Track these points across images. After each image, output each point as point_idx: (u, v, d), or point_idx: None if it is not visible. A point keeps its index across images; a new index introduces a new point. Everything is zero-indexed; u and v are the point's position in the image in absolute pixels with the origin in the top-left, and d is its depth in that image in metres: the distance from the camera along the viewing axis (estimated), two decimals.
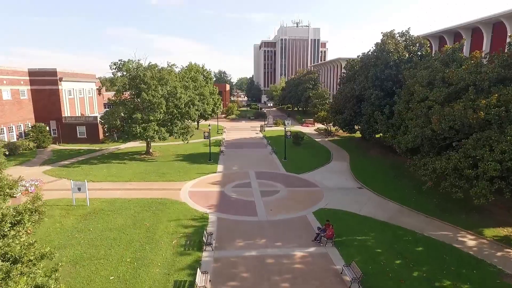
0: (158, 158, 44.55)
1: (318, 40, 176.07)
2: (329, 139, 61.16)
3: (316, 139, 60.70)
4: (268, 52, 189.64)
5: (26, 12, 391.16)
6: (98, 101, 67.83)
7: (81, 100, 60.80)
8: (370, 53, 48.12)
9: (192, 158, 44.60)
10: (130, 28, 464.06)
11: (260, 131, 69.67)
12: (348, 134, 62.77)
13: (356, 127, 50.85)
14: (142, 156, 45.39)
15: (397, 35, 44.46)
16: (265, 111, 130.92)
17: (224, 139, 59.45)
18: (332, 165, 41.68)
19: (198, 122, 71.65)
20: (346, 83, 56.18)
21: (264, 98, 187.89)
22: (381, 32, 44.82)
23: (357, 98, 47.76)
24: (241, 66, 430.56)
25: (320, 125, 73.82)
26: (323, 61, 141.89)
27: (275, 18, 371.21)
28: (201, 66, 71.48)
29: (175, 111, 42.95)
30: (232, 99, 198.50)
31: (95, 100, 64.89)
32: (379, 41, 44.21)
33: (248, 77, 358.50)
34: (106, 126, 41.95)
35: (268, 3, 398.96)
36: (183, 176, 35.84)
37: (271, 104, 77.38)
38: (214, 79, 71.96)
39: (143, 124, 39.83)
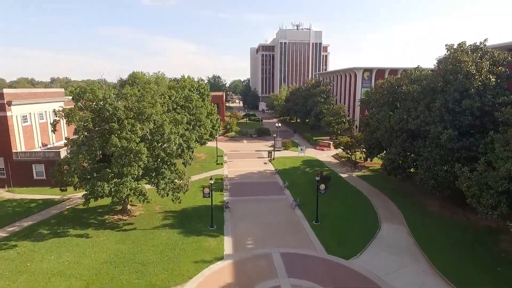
0: (139, 221, 31.62)
1: (320, 43, 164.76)
2: (357, 174, 48.90)
3: (341, 175, 48.35)
4: (266, 56, 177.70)
5: (15, 11, 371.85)
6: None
7: (42, 126, 47.47)
8: (419, 70, 36.18)
9: (186, 220, 31.82)
10: (124, 28, 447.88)
11: (269, 160, 57.11)
12: (378, 165, 50.82)
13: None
14: (116, 217, 32.38)
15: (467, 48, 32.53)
16: (265, 121, 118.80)
17: (226, 177, 46.70)
18: (386, 234, 29.35)
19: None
20: (383, 106, 44.10)
21: (262, 105, 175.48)
22: (446, 45, 32.88)
23: (407, 132, 35.67)
24: (235, 67, 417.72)
25: (339, 150, 61.36)
26: (333, 69, 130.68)
27: (271, 19, 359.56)
28: (196, 79, 58.80)
29: (162, 154, 30.16)
30: (227, 105, 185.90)
31: (63, 125, 51.41)
32: (444, 56, 32.20)
33: (243, 80, 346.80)
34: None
35: (262, 4, 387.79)
36: (173, 270, 23.06)
37: (278, 124, 64.91)
38: (211, 96, 59.05)
39: (115, 180, 26.98)
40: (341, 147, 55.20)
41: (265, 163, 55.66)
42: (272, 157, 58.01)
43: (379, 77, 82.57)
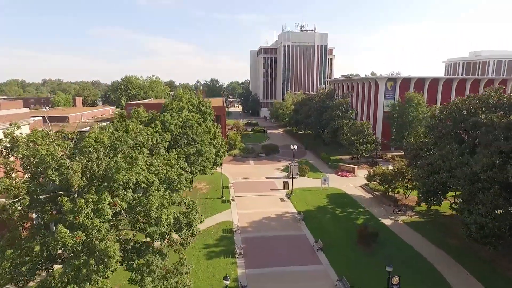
0: None
1: (326, 46, 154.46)
2: (403, 219, 38.31)
3: (382, 221, 37.72)
4: (267, 60, 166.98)
5: (9, 11, 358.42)
6: None
7: None
8: None
9: None
10: (118, 28, 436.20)
11: (287, 195, 46.22)
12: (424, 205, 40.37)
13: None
14: None
15: None
16: (269, 132, 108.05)
17: (237, 227, 35.72)
18: None
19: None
20: (443, 136, 33.61)
21: (263, 111, 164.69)
22: None
23: (501, 183, 25.11)
24: (232, 68, 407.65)
25: (364, 172, 50.56)
26: (348, 77, 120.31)
27: (266, 20, 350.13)
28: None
29: (147, 228, 19.23)
30: (226, 109, 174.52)
31: None
32: None
33: (241, 82, 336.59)
34: None
35: (257, 5, 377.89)
36: None
37: (294, 146, 54.15)
38: (214, 113, 48.40)
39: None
40: (377, 180, 44.60)
41: (282, 200, 44.86)
42: (290, 190, 47.23)
43: (404, 88, 72.35)
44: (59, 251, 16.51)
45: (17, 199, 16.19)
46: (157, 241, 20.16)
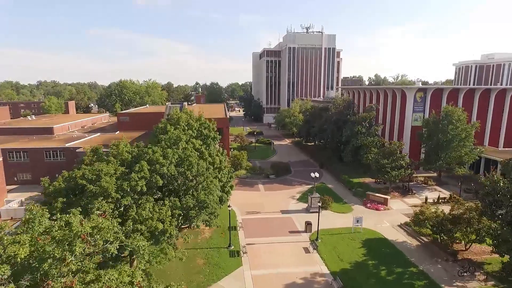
0: None
1: (334, 49, 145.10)
2: (475, 287, 28.68)
3: None
4: (271, 63, 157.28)
5: (6, 10, 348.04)
6: None
7: None
8: None
9: None
10: (116, 29, 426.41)
11: (312, 243, 36.53)
12: (490, 254, 30.83)
13: None
14: None
15: None
16: (276, 143, 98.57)
17: None
18: None
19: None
20: None
21: (267, 117, 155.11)
22: None
23: None
24: (231, 69, 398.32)
25: (398, 205, 41.01)
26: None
27: (265, 21, 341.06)
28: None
29: None
30: (230, 115, 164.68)
31: None
32: None
33: (241, 84, 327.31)
34: None
35: (256, 5, 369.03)
36: None
37: (315, 174, 44.72)
38: (220, 135, 38.65)
39: None
40: (429, 226, 35.00)
41: (307, 251, 35.12)
42: (315, 233, 37.53)
43: (436, 99, 62.90)
44: None
45: None
46: None
